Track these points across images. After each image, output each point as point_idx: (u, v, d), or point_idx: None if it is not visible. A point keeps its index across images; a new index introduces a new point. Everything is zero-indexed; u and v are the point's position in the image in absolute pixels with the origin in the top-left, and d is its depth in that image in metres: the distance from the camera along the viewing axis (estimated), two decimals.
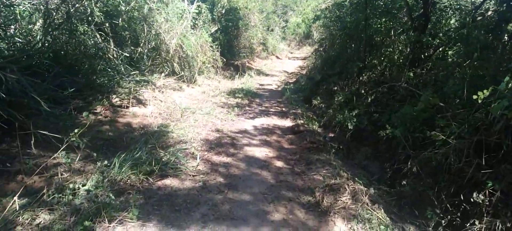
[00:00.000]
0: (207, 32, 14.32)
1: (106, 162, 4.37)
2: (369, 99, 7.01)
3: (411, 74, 6.81)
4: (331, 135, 7.98)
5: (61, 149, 3.88)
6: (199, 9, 13.89)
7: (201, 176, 4.57)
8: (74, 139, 3.76)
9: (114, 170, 4.03)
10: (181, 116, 7.85)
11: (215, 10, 15.68)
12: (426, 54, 6.99)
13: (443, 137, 3.81)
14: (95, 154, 4.55)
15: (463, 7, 8.54)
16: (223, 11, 15.75)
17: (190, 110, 8.40)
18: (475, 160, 3.51)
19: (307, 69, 17.86)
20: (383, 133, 4.63)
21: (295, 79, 17.27)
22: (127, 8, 9.55)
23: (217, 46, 14.81)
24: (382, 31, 9.72)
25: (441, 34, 6.99)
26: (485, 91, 3.10)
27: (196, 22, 14.07)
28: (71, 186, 3.85)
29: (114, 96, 7.18)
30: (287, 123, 8.60)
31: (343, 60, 13.00)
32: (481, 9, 8.05)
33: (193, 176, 4.53)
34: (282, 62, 23.92)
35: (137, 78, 8.71)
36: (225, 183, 4.47)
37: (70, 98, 6.48)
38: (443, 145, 4.03)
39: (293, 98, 11.92)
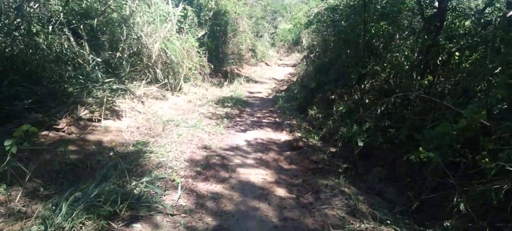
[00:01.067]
0: (193, 36, 13.22)
1: (55, 200, 3.22)
2: (379, 110, 6.02)
3: (426, 82, 5.84)
4: (333, 149, 6.95)
5: None
6: (185, 12, 12.78)
7: (183, 215, 3.45)
8: None
9: (61, 214, 2.88)
10: (163, 130, 6.72)
11: (202, 13, 14.59)
12: (441, 59, 6.05)
13: (510, 167, 2.81)
14: (41, 189, 3.41)
15: (467, 9, 7.72)
16: (211, 14, 14.67)
17: (174, 122, 7.27)
18: None
19: (298, 76, 16.89)
20: (414, 157, 3.62)
21: (286, 86, 16.28)
22: (104, 8, 8.39)
23: (204, 52, 13.72)
24: (384, 35, 8.81)
25: (458, 37, 6.06)
26: None
27: (182, 26, 12.97)
28: None
29: (82, 108, 6.00)
30: (283, 136, 7.55)
31: (338, 66, 12.07)
32: (486, 12, 7.25)
33: (172, 215, 3.41)
34: (271, 69, 22.93)
35: (114, 87, 7.54)
36: (215, 225, 3.37)
37: (27, 111, 5.31)
38: (498, 175, 3.04)
39: (286, 108, 10.91)
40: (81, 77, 7.02)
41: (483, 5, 7.69)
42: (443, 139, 3.62)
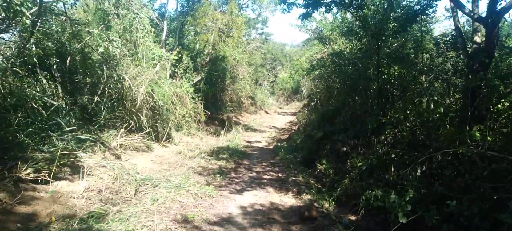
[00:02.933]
0: (188, 81, 11.88)
1: None
2: (418, 171, 4.40)
3: (477, 133, 4.27)
4: (352, 217, 5.27)
5: None
6: (179, 55, 11.52)
7: None
8: None
9: None
10: (135, 193, 5.04)
11: (199, 59, 13.35)
12: (494, 103, 4.52)
13: None
14: None
15: None
16: (208, 59, 13.42)
17: (152, 182, 5.60)
18: None
19: (300, 124, 15.38)
20: None
21: (287, 135, 14.73)
22: (79, 46, 7.04)
23: (200, 98, 12.31)
24: (400, 78, 7.44)
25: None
26: None
27: (176, 70, 11.66)
28: None
29: (24, 166, 4.36)
30: (289, 199, 5.84)
31: (346, 114, 10.60)
32: None
33: None
34: (271, 117, 21.51)
35: (82, 137, 5.96)
36: None
37: None
38: None
39: (289, 160, 9.26)
40: (37, 124, 5.46)
41: None
42: None
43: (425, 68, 7.62)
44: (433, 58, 7.93)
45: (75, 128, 5.80)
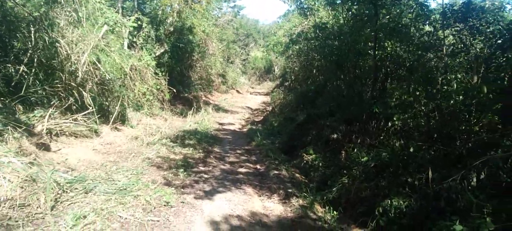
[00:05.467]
0: (150, 54, 9.94)
1: None
2: (473, 179, 2.98)
3: None
4: (357, 230, 3.91)
5: None
6: (139, 23, 9.52)
7: None
8: None
9: None
10: (53, 206, 3.30)
11: (162, 28, 11.35)
12: None
13: None
14: None
15: None
16: (172, 29, 11.43)
17: (84, 184, 3.86)
18: None
19: (275, 105, 13.86)
20: None
21: (262, 117, 13.22)
22: None
23: (164, 73, 10.43)
24: (412, 52, 6.07)
25: None
26: None
27: (134, 40, 9.68)
28: None
29: None
30: (275, 205, 4.35)
31: (330, 95, 9.20)
32: None
33: None
34: (243, 97, 19.90)
35: None
36: None
37: None
38: None
39: (267, 146, 7.78)
40: None
41: None
42: None
43: (437, 41, 6.28)
44: (438, 31, 6.59)
45: None
